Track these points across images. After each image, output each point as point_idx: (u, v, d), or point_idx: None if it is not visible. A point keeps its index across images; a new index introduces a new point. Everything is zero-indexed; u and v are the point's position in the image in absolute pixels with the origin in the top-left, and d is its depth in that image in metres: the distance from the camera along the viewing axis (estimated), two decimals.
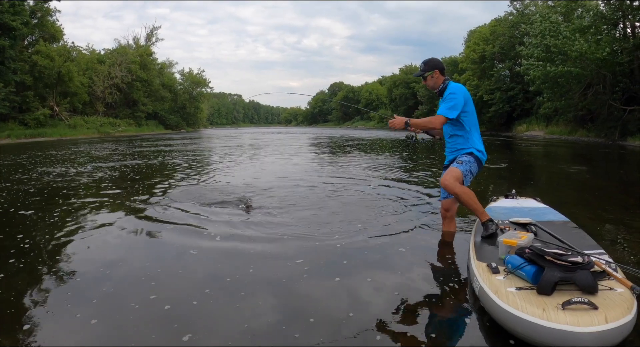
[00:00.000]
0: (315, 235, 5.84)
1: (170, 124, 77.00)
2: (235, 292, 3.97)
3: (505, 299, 3.09)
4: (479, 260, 3.94)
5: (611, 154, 22.11)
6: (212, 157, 20.65)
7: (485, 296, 3.33)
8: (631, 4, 30.32)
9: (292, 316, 3.51)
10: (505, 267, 3.62)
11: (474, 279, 3.71)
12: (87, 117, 57.51)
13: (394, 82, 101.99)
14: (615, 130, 31.27)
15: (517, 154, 22.25)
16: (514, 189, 6.84)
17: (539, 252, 3.37)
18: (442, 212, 5.82)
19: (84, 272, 4.56)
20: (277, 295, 3.92)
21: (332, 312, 3.53)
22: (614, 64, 31.23)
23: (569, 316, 2.80)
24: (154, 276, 4.43)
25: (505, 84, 55.42)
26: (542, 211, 5.87)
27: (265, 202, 8.18)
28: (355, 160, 17.44)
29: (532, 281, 3.28)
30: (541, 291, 3.10)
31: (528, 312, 2.89)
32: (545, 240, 4.34)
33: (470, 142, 5.41)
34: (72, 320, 3.51)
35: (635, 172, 15.28)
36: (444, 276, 4.39)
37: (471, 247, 4.45)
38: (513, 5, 56.91)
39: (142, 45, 76.44)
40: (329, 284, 4.09)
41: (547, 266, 3.21)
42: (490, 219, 4.88)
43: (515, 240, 3.93)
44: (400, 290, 4.01)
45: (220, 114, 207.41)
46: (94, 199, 8.84)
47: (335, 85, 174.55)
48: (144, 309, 3.65)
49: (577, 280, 3.12)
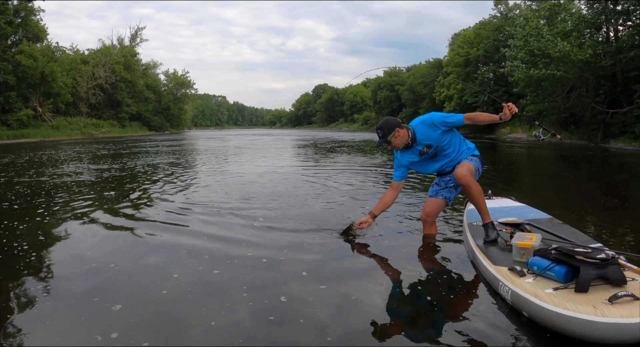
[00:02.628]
0: (297, 239, 5.81)
1: (154, 125, 76.52)
2: (219, 293, 3.98)
3: (550, 300, 3.13)
4: (497, 264, 3.98)
5: (594, 156, 22.28)
6: (198, 159, 20.61)
7: (523, 300, 3.35)
8: (614, 7, 30.60)
9: (281, 317, 3.48)
10: (528, 269, 3.67)
11: (500, 284, 3.72)
12: (71, 118, 57.10)
13: (378, 85, 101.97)
14: (598, 133, 31.52)
15: (500, 156, 22.34)
16: (489, 190, 6.88)
17: (568, 252, 3.42)
18: (423, 216, 5.79)
19: (65, 274, 4.54)
20: (266, 297, 3.88)
21: (322, 319, 3.50)
22: (596, 67, 31.48)
23: (621, 309, 2.90)
24: (135, 276, 4.46)
25: (490, 87, 55.66)
26: (523, 210, 5.97)
27: (254, 206, 8.22)
28: (342, 162, 17.44)
29: (563, 280, 3.36)
30: (579, 289, 3.18)
31: (581, 310, 2.95)
32: (546, 238, 4.43)
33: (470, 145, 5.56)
34: (51, 321, 3.49)
35: (618, 173, 15.40)
36: (449, 282, 4.39)
37: (478, 252, 4.48)
38: (497, 9, 57.30)
39: (127, 45, 76.11)
40: (316, 292, 4.02)
41: (581, 265, 3.28)
42: (491, 222, 4.86)
43: (529, 242, 3.97)
44: (404, 298, 4.02)
45: (205, 116, 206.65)
46: (75, 202, 8.71)
47: (320, 87, 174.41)
48: (129, 310, 3.64)
49: (610, 275, 3.24)
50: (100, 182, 11.54)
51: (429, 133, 5.29)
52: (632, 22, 30.30)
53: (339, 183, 11.03)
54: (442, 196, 5.60)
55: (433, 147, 5.35)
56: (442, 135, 5.31)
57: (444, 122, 5.27)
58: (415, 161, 5.50)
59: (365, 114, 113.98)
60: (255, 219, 6.82)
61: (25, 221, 6.97)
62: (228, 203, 8.23)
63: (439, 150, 5.40)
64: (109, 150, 26.22)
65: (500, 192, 7.59)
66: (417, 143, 5.34)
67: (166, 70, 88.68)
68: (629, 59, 30.22)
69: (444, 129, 5.27)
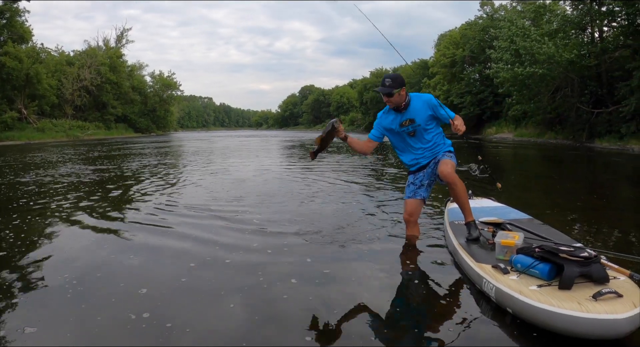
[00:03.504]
0: (285, 242, 5.80)
1: (140, 127, 76.11)
2: (211, 296, 3.96)
3: (535, 297, 3.19)
4: (480, 262, 4.03)
5: (579, 156, 22.45)
6: (185, 160, 20.58)
7: (508, 297, 3.41)
8: (599, 9, 30.83)
9: (266, 319, 3.48)
10: (512, 267, 3.73)
11: (484, 281, 3.77)
12: (56, 120, 56.51)
13: (365, 86, 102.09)
14: (583, 133, 31.76)
15: (486, 156, 22.42)
16: (470, 190, 6.91)
17: (552, 250, 3.50)
18: (406, 217, 5.79)
19: (49, 277, 4.48)
20: (254, 300, 3.86)
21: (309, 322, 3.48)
22: (582, 68, 31.73)
23: (604, 305, 2.96)
24: (121, 279, 4.42)
25: (476, 87, 55.91)
26: (503, 210, 6.07)
27: (240, 208, 8.21)
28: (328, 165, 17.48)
29: (547, 278, 3.42)
30: (563, 286, 3.24)
31: (566, 307, 3.01)
32: (528, 237, 4.50)
33: (447, 141, 5.59)
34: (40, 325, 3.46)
35: (603, 173, 15.52)
36: (433, 281, 4.39)
37: (460, 250, 4.53)
38: (483, 10, 57.53)
39: (112, 47, 75.62)
40: (303, 296, 3.99)
41: (565, 263, 3.35)
42: (474, 221, 4.93)
43: (512, 240, 4.04)
44: (384, 299, 3.97)
45: (191, 117, 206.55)
46: (59, 205, 8.65)
47: (306, 88, 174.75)
48: (121, 313, 3.62)
49: (593, 273, 3.32)
50: (85, 185, 11.49)
51: (420, 109, 5.37)
52: (616, 23, 30.57)
53: (325, 183, 11.08)
54: (420, 196, 5.63)
55: (415, 124, 5.39)
56: (429, 119, 5.40)
57: (437, 107, 5.35)
58: (392, 130, 5.52)
59: (351, 115, 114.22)
60: (242, 221, 6.82)
61: (8, 223, 6.90)
62: (215, 205, 8.22)
63: (419, 131, 5.45)
64: (95, 152, 26.11)
65: (489, 193, 7.62)
66: (407, 111, 5.39)
67: (152, 72, 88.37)
68: (613, 59, 30.48)
69: (431, 113, 5.36)
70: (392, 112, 5.49)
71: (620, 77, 29.05)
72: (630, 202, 9.50)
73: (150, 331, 3.29)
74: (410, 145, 5.57)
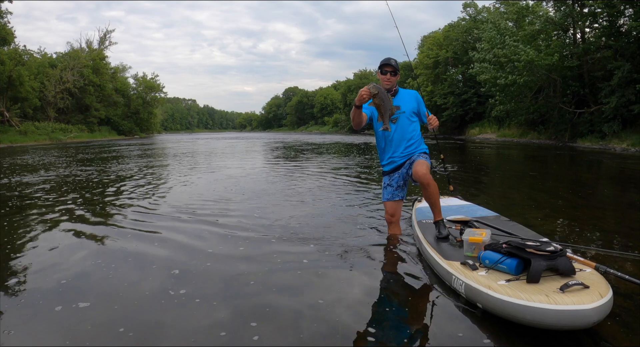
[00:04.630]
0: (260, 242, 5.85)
1: (123, 129, 75.61)
2: (196, 302, 3.93)
3: (503, 291, 3.26)
4: (449, 260, 4.10)
5: (562, 155, 22.60)
6: (170, 163, 20.50)
7: (477, 292, 3.47)
8: (581, 10, 31.11)
9: (253, 322, 3.47)
10: (480, 263, 3.81)
11: (454, 278, 3.83)
12: (39, 123, 55.95)
13: (349, 87, 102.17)
14: (565, 132, 32.09)
15: (469, 157, 22.53)
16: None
17: (519, 245, 3.58)
18: (388, 218, 5.88)
19: (34, 283, 4.43)
20: (240, 305, 3.86)
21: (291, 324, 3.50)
22: (564, 69, 32.02)
23: (572, 297, 3.04)
24: (106, 284, 4.39)
25: (459, 88, 56.18)
26: (471, 208, 6.20)
27: (223, 209, 8.23)
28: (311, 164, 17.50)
29: (514, 273, 3.50)
30: (531, 280, 3.32)
31: (534, 299, 3.08)
32: (495, 234, 4.60)
33: (423, 143, 5.71)
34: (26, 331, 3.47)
35: (585, 172, 15.65)
36: (404, 280, 4.43)
37: (428, 248, 4.59)
38: (466, 11, 57.82)
39: (95, 48, 75.16)
40: (281, 299, 3.98)
41: (532, 257, 3.43)
42: (443, 220, 5.03)
43: (480, 237, 4.11)
44: (366, 300, 3.99)
45: (175, 119, 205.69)
46: (42, 209, 8.59)
47: (290, 89, 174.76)
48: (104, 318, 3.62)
49: (560, 266, 3.40)
50: (68, 188, 11.47)
51: (407, 99, 5.56)
52: (598, 24, 30.83)
53: (310, 184, 11.18)
54: (398, 197, 5.75)
55: (400, 110, 5.48)
56: (413, 110, 5.59)
57: (421, 103, 5.65)
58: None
59: (335, 117, 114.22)
60: (227, 225, 6.80)
61: None
62: (200, 208, 8.20)
63: (402, 120, 5.54)
64: (78, 155, 25.92)
65: (477, 194, 7.69)
66: (395, 98, 5.51)
67: (135, 74, 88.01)
68: (595, 60, 30.81)
69: (416, 105, 5.57)
70: None
71: (602, 78, 29.38)
72: (610, 200, 9.61)
73: (133, 340, 3.27)
74: (392, 136, 5.61)
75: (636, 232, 6.39)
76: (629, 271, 4.46)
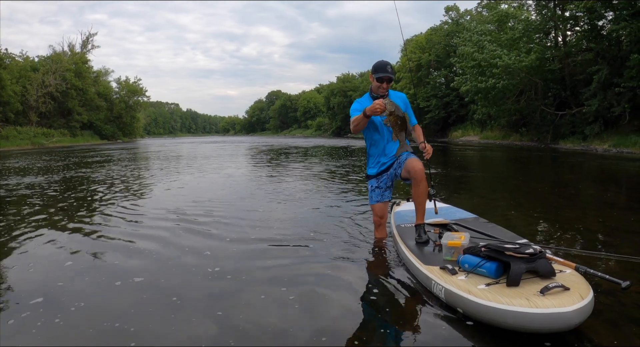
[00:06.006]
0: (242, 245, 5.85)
1: (106, 134, 74.98)
2: (178, 308, 3.93)
3: (484, 296, 3.26)
4: (428, 264, 4.08)
5: (544, 157, 22.78)
6: (154, 168, 20.40)
7: (457, 297, 3.47)
8: (562, 14, 31.41)
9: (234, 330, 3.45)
10: (460, 267, 3.80)
11: (433, 283, 3.82)
12: (20, 128, 55.50)
13: (332, 91, 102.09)
14: (547, 134, 32.36)
15: (451, 159, 22.57)
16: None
17: (498, 249, 3.58)
18: (376, 220, 5.87)
19: (17, 293, 4.34)
20: (223, 309, 3.85)
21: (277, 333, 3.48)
22: (544, 72, 32.29)
23: (553, 299, 3.05)
24: (90, 290, 4.36)
25: (441, 91, 56.49)
26: (449, 210, 6.15)
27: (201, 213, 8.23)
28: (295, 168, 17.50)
29: (494, 276, 3.49)
30: (511, 283, 3.32)
31: (515, 303, 3.08)
32: (474, 236, 4.59)
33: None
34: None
35: (567, 173, 15.73)
36: (392, 285, 4.39)
37: (408, 253, 4.56)
38: (448, 15, 58.17)
39: (78, 52, 74.59)
40: (260, 301, 3.98)
41: (511, 260, 3.42)
42: (424, 224, 5.00)
43: (459, 241, 4.12)
44: (349, 306, 3.93)
45: (158, 124, 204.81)
46: (24, 217, 8.50)
47: (273, 93, 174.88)
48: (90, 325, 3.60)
49: (539, 268, 3.41)
50: (49, 194, 11.39)
51: (398, 102, 5.42)
52: (579, 27, 31.16)
53: (293, 187, 11.19)
54: (387, 199, 5.75)
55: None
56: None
57: (409, 106, 5.69)
58: (372, 121, 5.55)
59: (318, 120, 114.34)
60: (211, 234, 6.68)
61: None
62: (183, 213, 8.09)
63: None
64: (61, 161, 25.69)
65: (460, 197, 7.73)
66: (408, 108, 5.60)
67: (118, 78, 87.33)
68: (576, 62, 31.09)
69: (404, 109, 5.45)
70: (371, 101, 5.52)
71: (583, 80, 29.66)
72: (592, 200, 9.67)
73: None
74: (384, 138, 5.65)
75: (618, 231, 6.47)
76: (611, 270, 4.53)
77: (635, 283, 4.02)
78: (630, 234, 6.28)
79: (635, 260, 4.39)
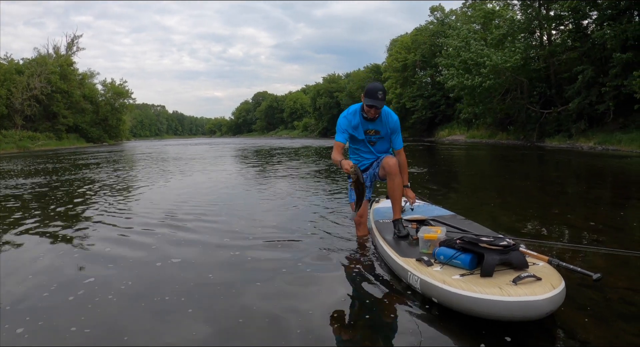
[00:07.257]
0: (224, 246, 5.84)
1: (91, 136, 74.38)
2: (169, 311, 3.91)
3: (458, 285, 3.33)
4: (405, 257, 4.18)
5: (530, 155, 22.94)
6: (142, 171, 20.34)
7: (432, 287, 3.54)
8: (547, 13, 31.63)
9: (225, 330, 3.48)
10: (435, 259, 3.89)
11: (409, 274, 3.90)
12: (5, 131, 54.95)
13: (318, 91, 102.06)
14: (533, 132, 32.57)
15: (438, 158, 22.66)
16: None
17: (472, 241, 3.67)
18: (357, 219, 5.88)
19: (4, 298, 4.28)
20: (212, 312, 3.84)
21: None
22: (530, 71, 32.51)
23: (525, 288, 3.12)
24: (78, 295, 4.30)
25: (427, 91, 56.69)
26: (427, 208, 6.28)
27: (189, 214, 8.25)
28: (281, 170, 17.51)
29: (468, 267, 3.58)
30: (485, 274, 3.40)
31: (488, 292, 3.15)
32: (450, 231, 4.72)
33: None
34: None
35: (552, 171, 15.84)
36: (361, 279, 4.45)
37: (385, 246, 4.67)
38: (434, 15, 58.35)
39: (63, 54, 74.02)
40: (260, 303, 3.95)
41: (485, 252, 3.50)
42: (402, 219, 5.13)
43: (435, 234, 4.22)
44: (331, 302, 3.96)
45: (144, 126, 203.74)
46: (10, 222, 8.47)
47: (259, 94, 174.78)
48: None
49: (512, 260, 3.49)
50: (34, 199, 11.36)
51: (388, 125, 5.50)
52: (564, 26, 31.39)
53: (278, 188, 11.27)
54: (367, 197, 5.77)
55: (379, 135, 5.56)
56: (389, 137, 5.61)
57: (398, 132, 5.63)
58: (355, 133, 5.54)
59: (305, 121, 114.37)
60: (198, 233, 6.72)
61: None
62: (171, 216, 8.00)
63: (379, 143, 5.66)
64: (47, 164, 25.58)
65: (445, 195, 7.77)
66: (377, 122, 5.47)
67: (104, 80, 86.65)
68: (561, 61, 31.32)
69: (391, 130, 5.53)
70: (359, 117, 5.49)
71: (568, 79, 29.88)
72: (578, 197, 9.76)
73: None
74: (364, 150, 5.74)
75: (604, 227, 6.53)
76: (598, 265, 4.60)
77: (622, 279, 4.23)
78: (614, 231, 6.36)
79: (606, 251, 4.62)
